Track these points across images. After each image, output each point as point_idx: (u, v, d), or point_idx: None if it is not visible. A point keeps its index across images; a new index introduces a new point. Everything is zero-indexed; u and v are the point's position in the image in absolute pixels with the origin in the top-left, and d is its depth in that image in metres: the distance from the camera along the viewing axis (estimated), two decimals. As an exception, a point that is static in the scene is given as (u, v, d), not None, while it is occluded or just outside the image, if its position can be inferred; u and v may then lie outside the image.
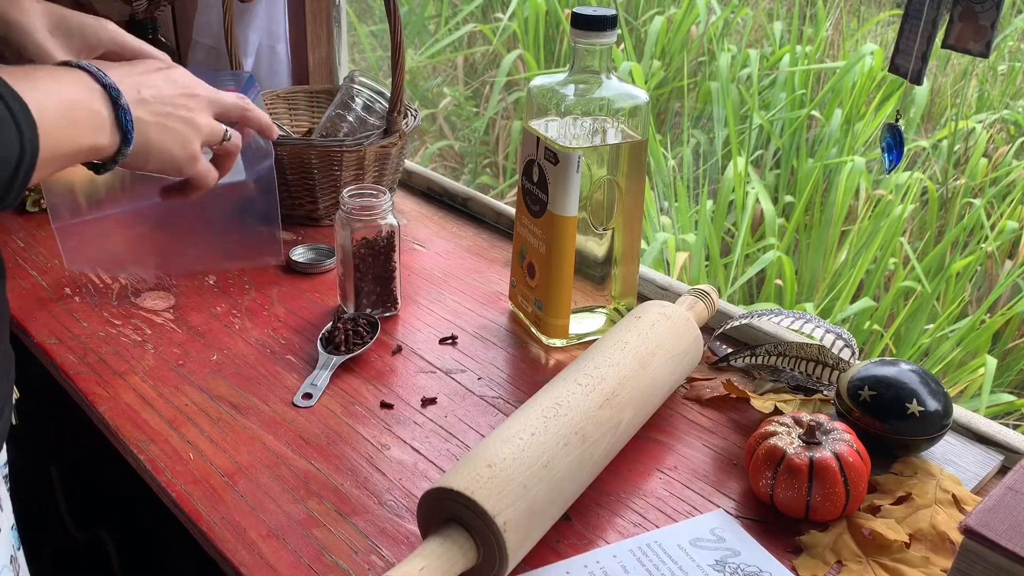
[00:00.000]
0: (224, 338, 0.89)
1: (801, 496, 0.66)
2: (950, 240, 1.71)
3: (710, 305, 0.89)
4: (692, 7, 2.16)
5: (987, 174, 1.85)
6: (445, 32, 2.45)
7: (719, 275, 1.79)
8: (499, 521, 0.58)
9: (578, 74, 0.84)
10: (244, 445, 0.75)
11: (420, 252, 1.09)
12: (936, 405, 0.71)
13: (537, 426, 0.65)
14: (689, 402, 0.83)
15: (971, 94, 2.04)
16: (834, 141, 1.88)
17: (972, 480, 0.73)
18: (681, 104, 2.09)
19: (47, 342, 0.87)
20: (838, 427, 0.69)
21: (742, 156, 1.86)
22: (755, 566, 0.64)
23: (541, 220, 0.86)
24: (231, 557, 0.64)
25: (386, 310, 0.94)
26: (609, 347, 0.75)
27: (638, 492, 0.71)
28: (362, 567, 0.63)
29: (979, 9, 0.64)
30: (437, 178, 1.25)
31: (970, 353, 1.58)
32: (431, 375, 0.85)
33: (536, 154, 0.85)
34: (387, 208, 0.89)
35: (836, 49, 2.19)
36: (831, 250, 1.78)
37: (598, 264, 0.89)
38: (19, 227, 1.09)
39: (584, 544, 0.66)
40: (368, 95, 1.13)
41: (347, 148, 1.05)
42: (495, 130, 2.37)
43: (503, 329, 0.94)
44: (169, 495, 0.69)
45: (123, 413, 0.78)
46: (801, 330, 0.82)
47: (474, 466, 0.61)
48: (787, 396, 0.81)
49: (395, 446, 0.75)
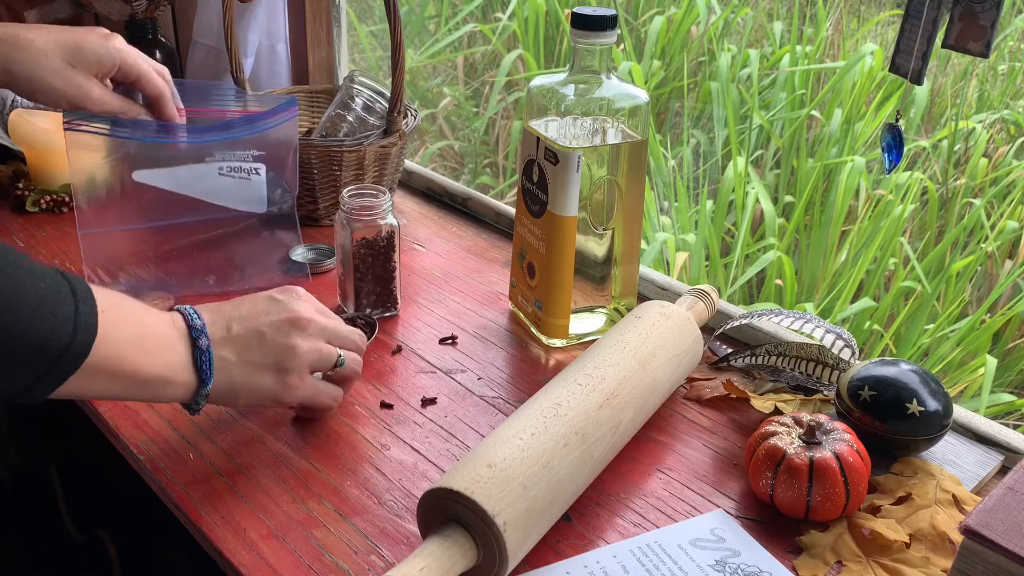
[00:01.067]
0: (224, 338, 0.89)
1: (801, 496, 0.66)
2: (950, 240, 1.71)
3: (710, 305, 0.89)
4: (692, 7, 2.16)
5: (987, 174, 1.85)
6: (445, 32, 2.45)
7: (719, 275, 1.79)
8: (499, 521, 0.58)
9: (578, 74, 0.84)
10: (244, 445, 0.75)
11: (420, 252, 1.09)
12: (936, 405, 0.71)
13: (537, 426, 0.65)
14: (689, 402, 0.83)
15: (971, 94, 2.04)
16: (834, 141, 1.88)
17: (972, 480, 0.73)
18: (681, 104, 2.09)
19: (47, 342, 0.87)
20: (838, 427, 0.69)
21: (742, 156, 1.86)
22: (755, 566, 0.64)
23: (541, 220, 0.86)
24: (231, 557, 0.64)
25: (386, 310, 0.94)
26: (609, 347, 0.75)
27: (638, 492, 0.71)
28: (362, 567, 0.63)
29: (979, 9, 0.64)
30: (437, 178, 1.25)
31: (970, 353, 1.58)
32: (431, 375, 0.85)
33: (536, 154, 0.85)
34: (387, 208, 0.89)
35: (836, 49, 2.19)
36: (831, 250, 1.78)
37: (598, 264, 0.89)
38: (19, 227, 1.09)
39: (584, 544, 0.66)
40: (368, 95, 1.13)
41: (347, 148, 1.05)
42: (495, 130, 2.37)
43: (503, 329, 0.94)
44: (169, 495, 0.69)
45: (123, 413, 0.78)
46: (801, 330, 0.82)
47: (474, 466, 0.61)
48: (787, 396, 0.81)
49: (395, 446, 0.75)
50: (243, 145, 0.93)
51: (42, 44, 0.80)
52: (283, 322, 0.69)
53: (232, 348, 0.67)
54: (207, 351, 0.65)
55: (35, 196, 1.12)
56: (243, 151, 0.93)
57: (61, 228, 1.09)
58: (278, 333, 0.68)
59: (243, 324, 0.68)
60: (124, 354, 0.60)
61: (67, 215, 1.12)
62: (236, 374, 0.67)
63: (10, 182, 1.16)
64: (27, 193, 1.13)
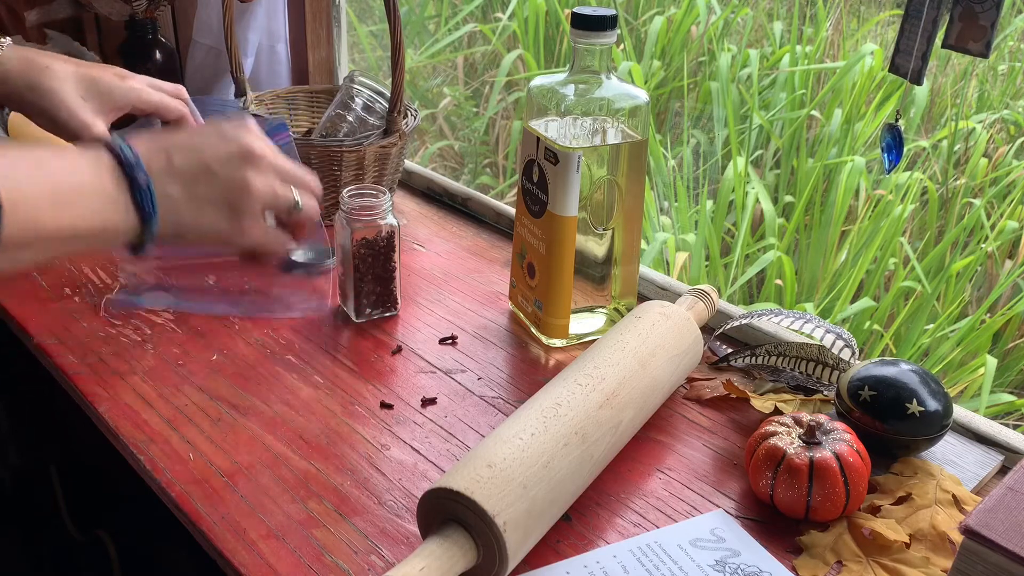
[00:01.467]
0: (224, 338, 0.89)
1: (801, 496, 0.66)
2: (950, 240, 1.71)
3: (710, 305, 0.89)
4: (692, 7, 2.16)
5: (987, 174, 1.85)
6: (445, 32, 2.45)
7: (719, 275, 1.79)
8: (499, 521, 0.58)
9: (578, 74, 0.84)
10: (244, 445, 0.75)
11: (420, 252, 1.09)
12: (936, 405, 0.71)
13: (537, 426, 0.65)
14: (689, 402, 0.83)
15: (971, 94, 2.04)
16: (834, 141, 1.88)
17: (972, 480, 0.73)
18: (681, 104, 2.09)
19: (46, 342, 0.87)
20: (838, 427, 0.69)
21: (742, 156, 1.86)
22: (755, 566, 0.64)
23: (541, 220, 0.86)
24: (231, 557, 0.64)
25: (386, 310, 0.94)
26: (609, 347, 0.75)
27: (638, 492, 0.71)
28: (362, 567, 0.63)
29: (979, 9, 0.64)
30: (437, 178, 1.25)
31: (970, 353, 1.58)
32: (431, 375, 0.85)
33: (536, 154, 0.85)
34: (387, 208, 0.89)
35: (836, 49, 2.19)
36: (831, 250, 1.78)
37: (598, 264, 0.89)
38: (19, 227, 1.09)
39: (584, 544, 0.66)
40: (368, 95, 1.13)
41: (347, 148, 1.05)
42: (495, 130, 2.37)
43: (503, 329, 0.94)
44: (169, 495, 0.69)
45: (123, 413, 0.78)
46: (801, 330, 0.82)
47: (474, 466, 0.61)
48: (787, 396, 0.81)
49: (395, 446, 0.75)
50: None
51: (59, 70, 0.78)
52: (233, 155, 0.62)
53: (177, 183, 0.59)
54: (148, 188, 0.57)
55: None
56: None
57: (61, 228, 1.09)
58: (229, 167, 0.61)
59: (187, 156, 0.60)
60: (42, 218, 0.53)
61: (67, 215, 1.12)
62: (184, 212, 0.60)
63: (10, 182, 1.16)
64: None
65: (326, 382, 0.83)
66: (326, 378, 0.84)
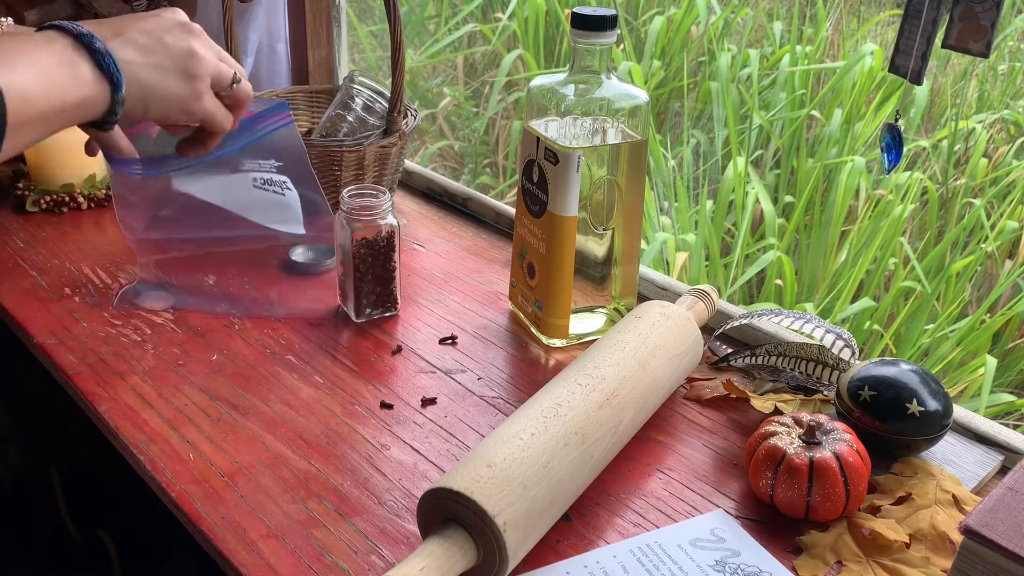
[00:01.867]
0: (224, 338, 0.89)
1: (801, 496, 0.66)
2: (950, 240, 1.71)
3: (710, 305, 0.89)
4: (692, 7, 2.16)
5: (987, 174, 1.85)
6: (445, 32, 2.45)
7: (719, 275, 1.79)
8: (499, 521, 0.58)
9: (578, 74, 0.84)
10: (244, 445, 0.75)
11: (420, 252, 1.09)
12: (936, 405, 0.71)
13: (537, 426, 0.65)
14: (689, 402, 0.83)
15: (971, 94, 2.04)
16: (834, 141, 1.88)
17: (972, 480, 0.73)
18: (681, 104, 2.09)
19: (47, 342, 0.87)
20: (838, 427, 0.69)
21: (742, 156, 1.86)
22: (755, 566, 0.64)
23: (541, 220, 0.86)
24: (231, 557, 0.64)
25: (386, 310, 0.94)
26: (609, 347, 0.75)
27: (638, 492, 0.71)
28: (362, 567, 0.63)
29: (979, 9, 0.64)
30: (437, 178, 1.25)
31: (970, 353, 1.58)
32: (431, 375, 0.85)
33: (536, 154, 0.85)
34: (387, 208, 0.89)
35: (836, 49, 2.19)
36: (831, 250, 1.78)
37: (598, 264, 0.89)
38: (19, 227, 1.09)
39: (584, 544, 0.66)
40: (368, 95, 1.13)
41: (347, 148, 1.05)
42: (495, 130, 2.37)
43: (503, 329, 0.94)
44: (169, 495, 0.69)
45: (123, 413, 0.78)
46: (801, 330, 0.82)
47: (474, 466, 0.61)
48: (787, 396, 0.81)
49: (395, 446, 0.75)
50: (252, 154, 0.91)
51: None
52: (176, 27, 0.66)
53: (132, 49, 0.63)
54: (107, 52, 0.61)
55: (35, 196, 1.12)
56: (263, 159, 0.91)
57: (61, 228, 1.09)
58: (174, 36, 0.65)
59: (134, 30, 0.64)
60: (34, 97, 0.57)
61: (67, 215, 1.12)
62: (145, 76, 0.64)
63: (10, 182, 1.16)
64: (27, 193, 1.13)
65: (326, 382, 0.83)
66: (326, 378, 0.84)
